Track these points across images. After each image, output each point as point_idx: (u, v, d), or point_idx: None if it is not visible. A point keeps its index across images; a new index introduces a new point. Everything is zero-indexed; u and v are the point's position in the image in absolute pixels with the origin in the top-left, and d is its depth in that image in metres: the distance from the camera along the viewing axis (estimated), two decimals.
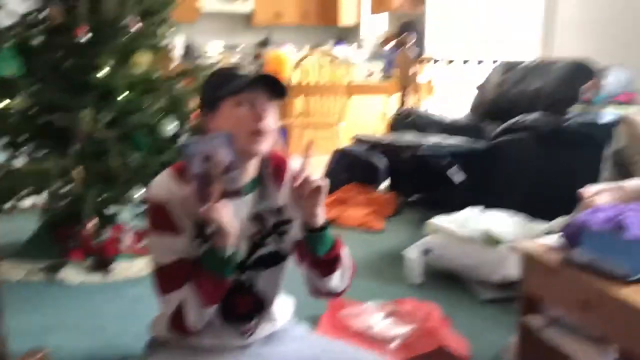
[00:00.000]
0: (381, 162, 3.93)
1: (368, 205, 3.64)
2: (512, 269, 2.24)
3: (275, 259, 1.33)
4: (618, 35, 3.39)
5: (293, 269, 1.37)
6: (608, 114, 2.64)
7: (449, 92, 5.08)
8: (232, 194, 1.17)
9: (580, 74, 3.07)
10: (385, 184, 3.97)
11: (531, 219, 2.61)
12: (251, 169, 1.27)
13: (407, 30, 5.29)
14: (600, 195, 1.81)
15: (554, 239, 1.60)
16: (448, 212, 2.76)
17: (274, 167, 1.32)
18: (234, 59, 6.13)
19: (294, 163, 1.33)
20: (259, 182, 1.29)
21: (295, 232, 1.31)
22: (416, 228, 2.94)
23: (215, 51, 6.25)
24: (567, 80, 3.18)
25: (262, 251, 1.30)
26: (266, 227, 1.30)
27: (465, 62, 4.73)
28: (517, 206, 2.74)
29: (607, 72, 2.98)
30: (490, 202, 2.82)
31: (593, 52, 3.34)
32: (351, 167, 3.97)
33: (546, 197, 2.78)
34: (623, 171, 2.26)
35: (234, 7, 6.34)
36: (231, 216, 1.17)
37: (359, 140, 3.92)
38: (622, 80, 2.92)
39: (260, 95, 1.21)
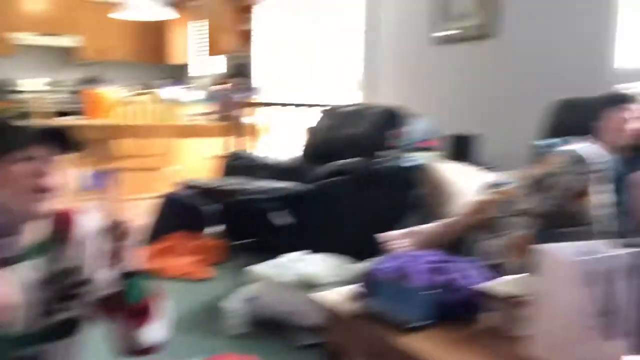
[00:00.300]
0: (210, 207, 3.84)
1: (195, 253, 3.52)
2: None
3: (71, 327, 1.21)
4: (424, 85, 3.72)
5: (95, 334, 1.26)
6: (412, 159, 2.85)
7: (282, 135, 5.17)
8: (8, 261, 1.07)
9: (388, 121, 3.29)
10: (217, 229, 3.88)
11: (353, 261, 2.68)
12: (36, 230, 1.15)
13: (240, 72, 5.34)
14: (398, 240, 1.91)
15: (354, 288, 1.64)
16: (277, 257, 2.74)
17: (64, 226, 1.22)
18: (54, 96, 5.71)
19: (85, 219, 1.24)
20: (47, 243, 1.18)
21: (94, 292, 1.21)
22: (245, 275, 2.90)
23: (34, 88, 5.79)
24: (378, 126, 3.38)
25: (54, 319, 1.18)
26: (58, 292, 1.18)
27: (298, 105, 4.86)
28: (342, 248, 2.80)
29: (413, 120, 3.23)
30: (318, 245, 2.86)
31: (405, 100, 3.61)
32: (179, 214, 3.82)
33: (366, 239, 2.88)
34: (425, 214, 2.42)
35: (56, 40, 5.95)
36: (7, 287, 1.04)
37: (187, 185, 3.81)
38: (425, 128, 3.18)
39: (42, 150, 1.12)
